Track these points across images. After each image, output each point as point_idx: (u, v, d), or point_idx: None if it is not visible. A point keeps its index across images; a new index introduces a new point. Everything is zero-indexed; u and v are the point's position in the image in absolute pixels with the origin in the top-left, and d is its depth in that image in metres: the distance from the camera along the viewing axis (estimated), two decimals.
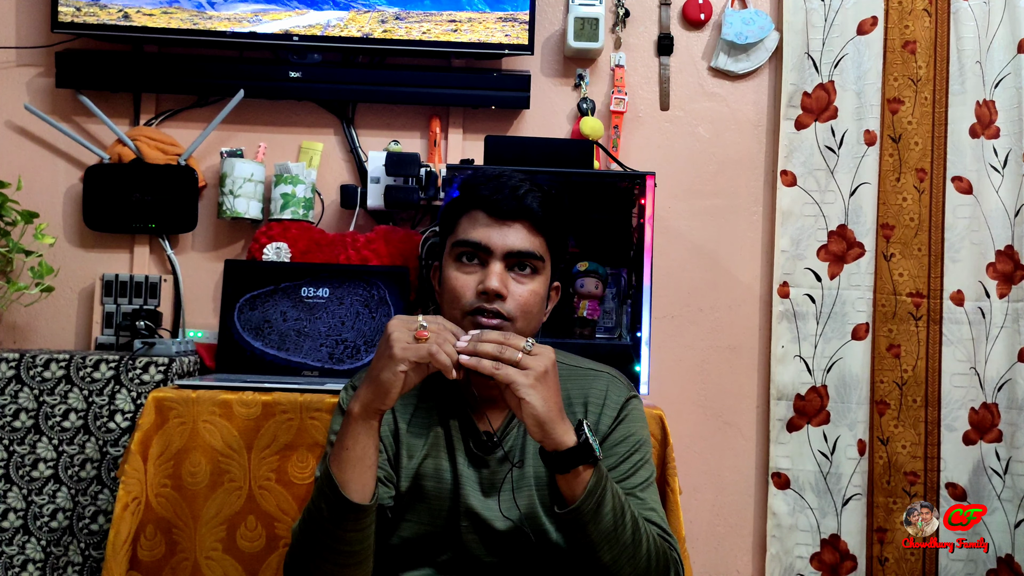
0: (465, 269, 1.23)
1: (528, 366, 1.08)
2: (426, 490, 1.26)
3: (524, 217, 1.23)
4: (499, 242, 1.21)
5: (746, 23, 2.22)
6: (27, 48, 2.18)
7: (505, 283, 1.20)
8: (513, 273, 1.23)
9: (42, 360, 1.77)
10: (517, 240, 1.22)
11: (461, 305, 1.21)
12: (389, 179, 2.05)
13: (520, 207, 1.22)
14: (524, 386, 1.07)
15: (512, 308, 1.21)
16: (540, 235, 1.25)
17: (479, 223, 1.23)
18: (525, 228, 1.23)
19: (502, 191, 1.23)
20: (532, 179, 1.26)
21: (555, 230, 1.27)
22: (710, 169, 2.27)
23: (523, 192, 1.23)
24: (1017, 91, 2.18)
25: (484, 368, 1.08)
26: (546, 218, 1.24)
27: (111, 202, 2.11)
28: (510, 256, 1.22)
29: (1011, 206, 2.20)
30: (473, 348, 1.08)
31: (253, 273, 1.94)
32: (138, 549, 1.63)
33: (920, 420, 2.20)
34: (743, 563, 2.25)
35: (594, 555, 1.12)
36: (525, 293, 1.22)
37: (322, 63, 2.15)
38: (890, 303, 2.21)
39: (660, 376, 2.16)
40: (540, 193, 1.25)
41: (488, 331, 1.12)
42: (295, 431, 1.65)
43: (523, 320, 1.22)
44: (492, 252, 1.21)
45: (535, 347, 1.10)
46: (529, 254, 1.23)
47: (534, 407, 1.07)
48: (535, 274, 1.24)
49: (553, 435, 1.08)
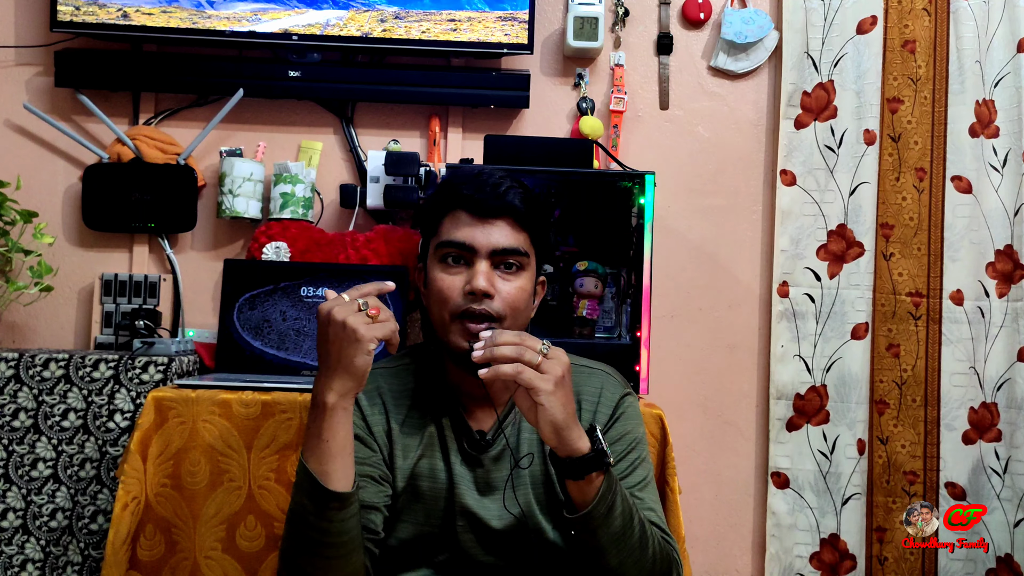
0: (451, 270, 1.22)
1: (547, 370, 1.07)
2: (421, 490, 1.25)
3: (507, 214, 1.22)
4: (483, 241, 1.21)
5: (746, 22, 2.22)
6: (26, 47, 2.18)
7: (492, 282, 1.20)
8: (499, 271, 1.22)
9: (41, 360, 1.77)
10: (501, 238, 1.21)
11: (449, 308, 1.20)
12: (388, 178, 2.05)
13: (502, 204, 1.21)
14: (545, 392, 1.06)
15: (500, 307, 1.20)
16: (524, 231, 1.24)
17: (462, 223, 1.22)
18: (508, 225, 1.22)
19: (483, 189, 1.22)
20: (512, 176, 1.26)
21: (538, 225, 1.26)
22: (710, 168, 2.27)
23: (504, 189, 1.22)
24: (1017, 90, 2.18)
25: (504, 374, 1.05)
26: (528, 214, 1.24)
27: (110, 201, 2.11)
28: (495, 254, 1.21)
29: (1010, 205, 2.20)
30: (491, 353, 1.06)
31: (252, 272, 1.94)
32: (138, 549, 1.63)
33: (919, 419, 2.20)
34: (742, 562, 2.25)
35: (601, 559, 1.12)
36: (512, 290, 1.21)
37: (321, 62, 2.15)
38: (889, 302, 2.21)
39: (659, 376, 2.16)
40: (521, 189, 1.24)
41: (501, 332, 1.10)
42: (295, 431, 1.65)
43: (512, 318, 1.21)
44: (477, 251, 1.21)
45: (551, 349, 1.09)
46: (514, 251, 1.22)
47: (553, 413, 1.06)
48: (521, 270, 1.23)
49: (568, 441, 1.08)
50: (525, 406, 1.08)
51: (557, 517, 1.24)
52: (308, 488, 1.10)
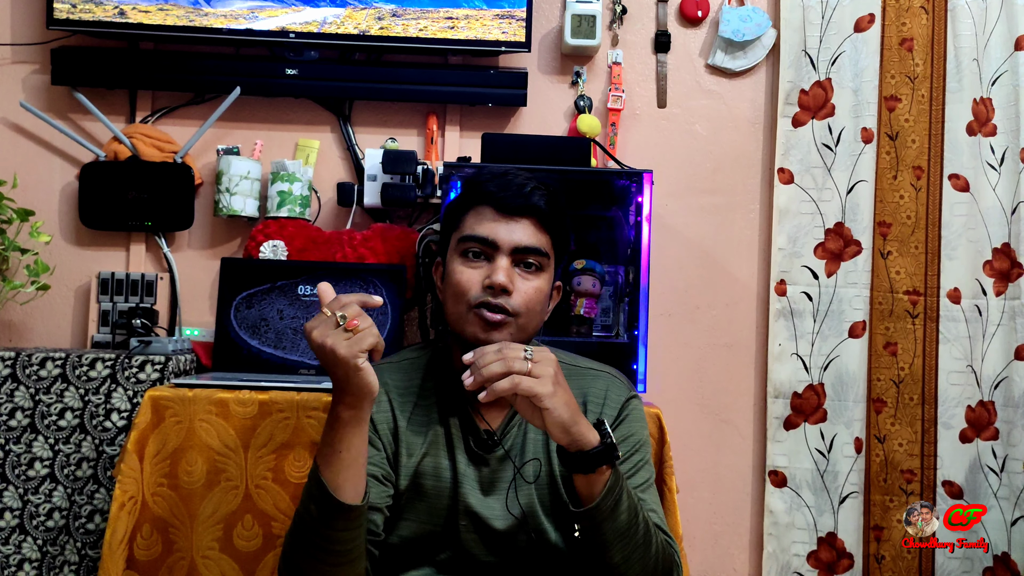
0: (471, 264, 1.23)
1: (540, 373, 1.07)
2: (425, 488, 1.25)
3: (531, 214, 1.23)
4: (506, 237, 1.21)
5: (743, 20, 2.21)
6: (22, 45, 2.17)
7: (511, 278, 1.20)
8: (519, 269, 1.23)
9: (38, 358, 1.77)
10: (524, 236, 1.22)
11: (467, 299, 1.21)
12: (386, 177, 2.05)
13: (527, 204, 1.22)
14: (547, 395, 1.06)
15: (517, 304, 1.20)
16: (546, 232, 1.25)
17: (486, 219, 1.23)
18: (532, 225, 1.23)
19: (509, 188, 1.23)
20: (538, 177, 1.26)
21: (560, 228, 1.27)
22: (707, 167, 2.27)
23: (529, 189, 1.23)
24: (1014, 89, 2.18)
25: (502, 389, 1.05)
26: (552, 215, 1.24)
27: (107, 200, 2.11)
28: (516, 252, 1.22)
29: (1008, 204, 2.20)
30: (480, 376, 1.05)
31: (249, 271, 1.94)
32: (135, 548, 1.62)
33: (917, 418, 2.20)
34: (740, 561, 2.25)
35: (605, 554, 1.12)
36: (530, 290, 1.22)
37: (319, 60, 2.15)
38: (887, 301, 2.21)
39: (657, 374, 2.16)
40: (546, 191, 1.25)
41: (482, 351, 1.08)
42: (292, 430, 1.65)
43: (526, 317, 1.22)
44: (499, 247, 1.21)
45: (535, 352, 1.09)
46: (535, 250, 1.23)
47: (559, 414, 1.06)
48: (540, 271, 1.24)
49: (578, 436, 1.08)
50: (528, 414, 1.08)
51: (560, 518, 1.24)
52: (318, 496, 1.10)
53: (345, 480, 1.10)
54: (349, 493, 1.10)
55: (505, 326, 1.20)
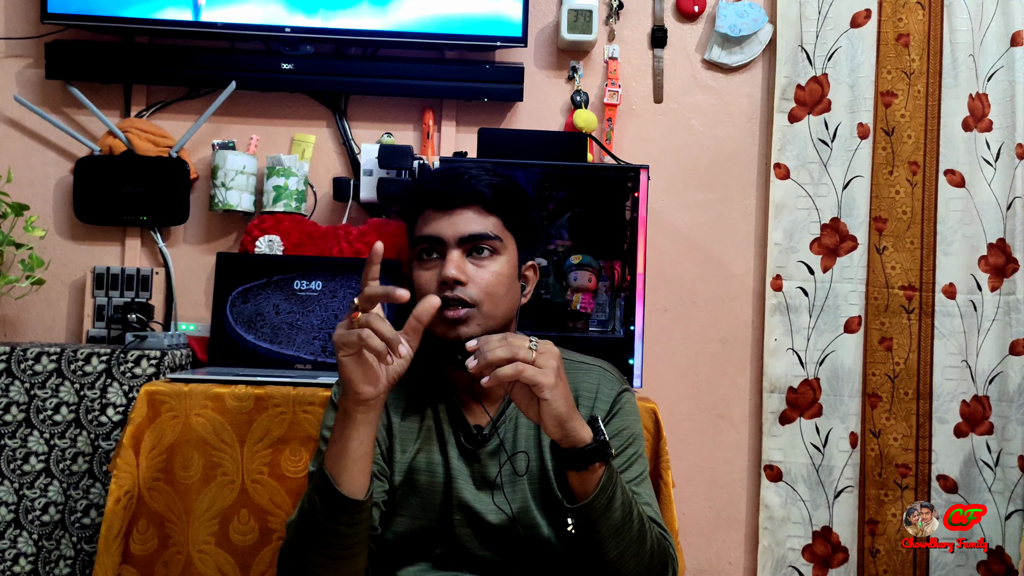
0: (426, 265, 1.22)
1: (544, 364, 1.06)
2: (419, 484, 1.25)
3: (471, 202, 1.22)
4: (449, 231, 1.20)
5: (740, 15, 2.21)
6: (16, 39, 2.16)
7: (462, 269, 1.19)
8: (472, 258, 1.21)
9: (33, 353, 1.76)
10: (467, 225, 1.21)
11: None
12: (382, 172, 2.04)
13: (466, 192, 1.21)
14: (548, 386, 1.05)
15: (475, 292, 1.19)
16: (492, 215, 1.23)
17: (430, 218, 1.22)
18: (474, 211, 1.22)
19: (447, 182, 1.22)
20: (480, 165, 1.25)
21: (510, 208, 1.25)
22: (703, 162, 2.27)
23: (467, 178, 1.22)
24: (1010, 84, 2.19)
25: (506, 376, 1.03)
26: (496, 198, 1.23)
27: (102, 194, 2.10)
28: (463, 242, 1.21)
29: (1003, 199, 2.20)
30: (485, 360, 1.04)
31: (245, 266, 1.94)
32: (131, 543, 1.62)
33: (912, 413, 2.21)
34: (735, 555, 2.25)
35: (600, 550, 1.11)
36: (487, 275, 1.21)
37: (314, 55, 2.14)
38: (882, 296, 2.21)
39: (653, 369, 2.17)
40: (487, 176, 1.23)
41: (487, 339, 1.07)
42: (288, 424, 1.64)
43: (489, 303, 1.20)
44: (446, 242, 1.20)
45: (539, 343, 1.08)
46: (482, 235, 1.21)
47: (556, 406, 1.06)
48: (495, 255, 1.22)
49: (572, 432, 1.07)
50: (524, 404, 1.08)
51: (553, 514, 1.24)
52: (322, 488, 1.10)
53: (350, 474, 1.09)
54: (354, 488, 1.10)
55: (470, 318, 1.19)
